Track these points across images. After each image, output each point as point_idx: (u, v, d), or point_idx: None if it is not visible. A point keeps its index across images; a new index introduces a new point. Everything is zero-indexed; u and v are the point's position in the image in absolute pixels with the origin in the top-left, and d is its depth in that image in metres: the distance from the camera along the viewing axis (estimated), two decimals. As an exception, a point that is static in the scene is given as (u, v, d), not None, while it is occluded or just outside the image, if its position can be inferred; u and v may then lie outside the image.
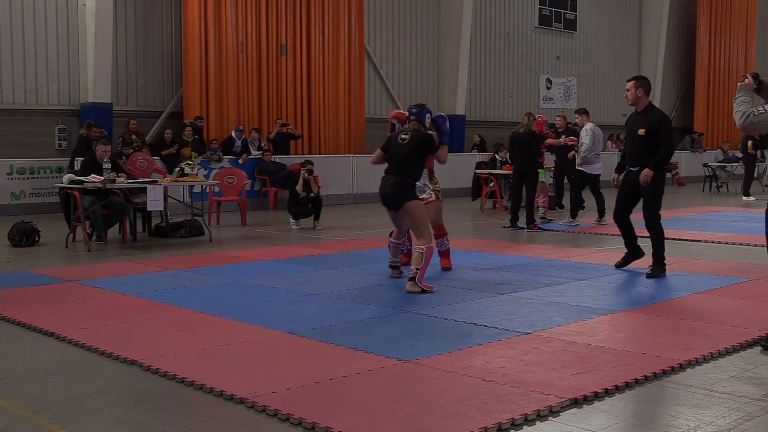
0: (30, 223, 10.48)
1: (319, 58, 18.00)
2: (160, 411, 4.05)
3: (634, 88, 7.76)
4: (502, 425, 3.79)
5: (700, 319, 5.99)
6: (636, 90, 7.74)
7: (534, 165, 12.19)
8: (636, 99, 7.80)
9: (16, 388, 4.42)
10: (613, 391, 4.31)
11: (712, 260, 8.91)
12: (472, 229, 12.65)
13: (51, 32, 14.98)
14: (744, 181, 18.57)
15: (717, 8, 28.25)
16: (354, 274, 8.06)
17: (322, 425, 3.76)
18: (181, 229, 11.33)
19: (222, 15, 16.34)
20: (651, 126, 7.72)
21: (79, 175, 10.46)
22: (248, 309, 6.42)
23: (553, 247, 10.23)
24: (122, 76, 15.84)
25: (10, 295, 7.01)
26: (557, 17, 24.18)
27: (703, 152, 25.74)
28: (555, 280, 7.68)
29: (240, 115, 16.75)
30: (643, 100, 7.82)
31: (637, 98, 7.79)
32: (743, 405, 4.11)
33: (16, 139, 14.75)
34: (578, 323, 5.87)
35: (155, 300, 6.77)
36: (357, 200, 17.74)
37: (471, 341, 5.35)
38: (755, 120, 5.16)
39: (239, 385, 4.35)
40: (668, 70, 27.64)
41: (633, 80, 7.85)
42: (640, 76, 8.05)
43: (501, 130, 20.97)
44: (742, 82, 5.38)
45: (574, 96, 24.87)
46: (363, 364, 4.80)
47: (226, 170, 14.06)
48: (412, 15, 20.49)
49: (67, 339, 5.45)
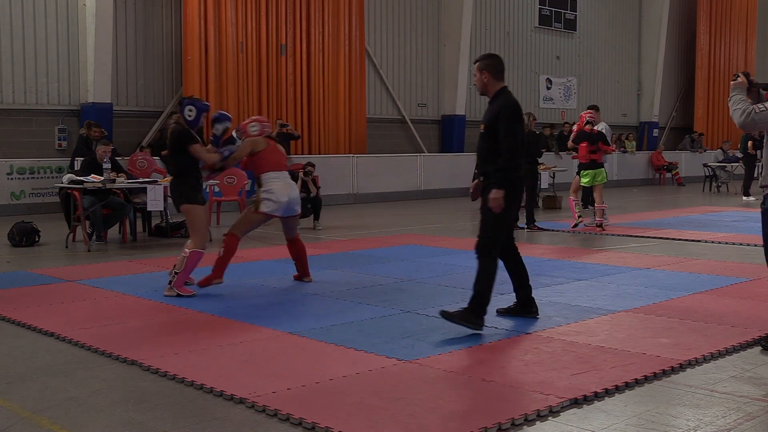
0: (30, 223, 10.48)
1: (319, 58, 18.00)
2: (160, 411, 4.05)
3: (479, 71, 5.92)
4: (502, 425, 3.78)
5: (700, 319, 5.98)
6: (480, 74, 5.90)
7: (534, 165, 12.20)
8: (483, 86, 5.93)
9: (16, 388, 4.42)
10: (613, 391, 4.31)
11: (712, 260, 8.90)
12: (472, 229, 12.63)
13: (51, 32, 14.98)
14: (744, 181, 18.56)
15: (717, 8, 28.25)
16: (354, 274, 8.05)
17: (322, 425, 3.76)
18: (181, 229, 11.33)
19: (222, 15, 16.34)
20: (491, 120, 5.77)
21: (79, 175, 10.46)
22: (248, 309, 6.42)
23: (553, 247, 10.23)
24: (122, 76, 15.84)
25: (10, 295, 7.01)
26: (557, 17, 24.17)
27: (703, 152, 25.74)
28: (555, 280, 7.68)
29: (240, 115, 16.71)
30: (491, 85, 5.89)
31: (484, 84, 5.91)
32: (743, 405, 4.11)
33: (16, 139, 14.74)
34: (578, 323, 5.87)
35: (155, 300, 6.77)
36: (357, 200, 17.75)
37: (471, 341, 5.35)
38: (756, 117, 5.16)
39: (239, 385, 4.35)
40: (668, 70, 27.64)
41: (476, 62, 5.99)
42: (486, 54, 6.12)
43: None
44: (735, 81, 5.39)
45: (574, 96, 24.87)
46: (363, 364, 4.80)
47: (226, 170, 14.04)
48: (412, 15, 20.49)
49: (67, 339, 5.45)
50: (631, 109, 27.25)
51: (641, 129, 27.12)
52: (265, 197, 7.19)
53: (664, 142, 26.90)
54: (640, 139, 26.68)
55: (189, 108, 7.04)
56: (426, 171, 19.31)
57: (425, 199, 18.73)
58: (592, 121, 11.81)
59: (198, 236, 6.92)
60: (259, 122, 7.63)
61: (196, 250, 6.86)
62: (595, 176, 11.77)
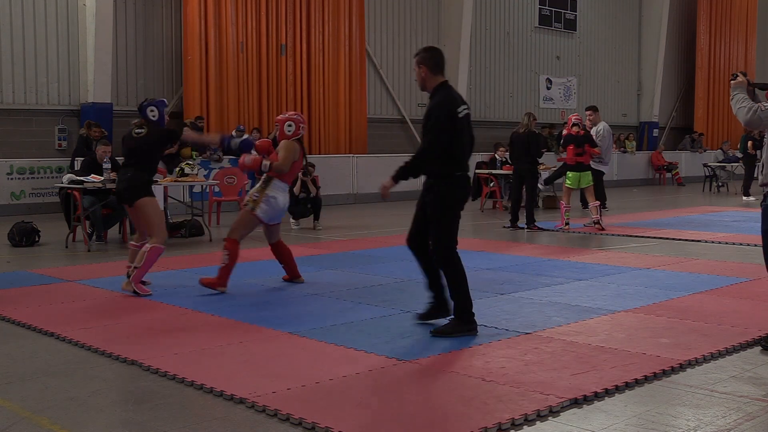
0: (30, 223, 10.48)
1: (320, 58, 17.99)
2: (160, 411, 4.05)
3: (417, 66, 5.64)
4: (502, 425, 3.78)
5: (700, 319, 5.98)
6: (419, 69, 5.63)
7: (534, 165, 12.20)
8: (421, 80, 5.66)
9: (16, 388, 4.42)
10: (613, 391, 4.31)
11: (712, 260, 8.90)
12: (472, 229, 12.63)
13: (51, 32, 14.97)
14: (744, 181, 18.57)
15: (717, 8, 28.24)
16: (354, 274, 8.05)
17: (322, 425, 3.76)
18: (181, 229, 11.34)
19: (222, 15, 16.34)
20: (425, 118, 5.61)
21: (79, 175, 10.46)
22: (248, 309, 6.42)
23: (553, 247, 10.23)
24: (122, 76, 15.83)
25: (10, 295, 7.01)
26: (557, 17, 24.17)
27: (703, 152, 25.74)
28: (555, 280, 7.68)
29: (240, 115, 16.74)
30: (429, 80, 5.61)
31: (422, 79, 5.65)
32: (743, 405, 4.11)
33: (16, 139, 14.74)
34: (578, 323, 5.87)
35: (155, 300, 6.77)
36: (357, 200, 17.74)
37: (471, 341, 5.35)
38: (763, 115, 5.16)
39: (239, 385, 4.35)
40: (668, 70, 27.63)
41: (415, 56, 5.71)
42: (425, 47, 5.78)
43: (501, 130, 20.96)
44: (734, 80, 5.40)
45: (574, 96, 24.86)
46: (363, 364, 4.80)
47: (226, 170, 14.07)
48: (412, 15, 20.48)
49: (67, 339, 5.45)
50: (631, 109, 27.24)
51: (641, 129, 27.11)
52: (265, 202, 7.14)
53: (664, 142, 26.89)
54: (640, 139, 26.68)
55: (150, 109, 7.12)
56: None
57: (425, 199, 18.71)
58: (579, 123, 11.79)
59: (159, 231, 6.93)
60: (296, 122, 7.46)
61: (156, 246, 6.86)
62: (581, 179, 11.72)
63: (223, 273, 7.05)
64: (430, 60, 5.58)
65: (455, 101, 5.56)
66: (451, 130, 5.45)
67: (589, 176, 11.75)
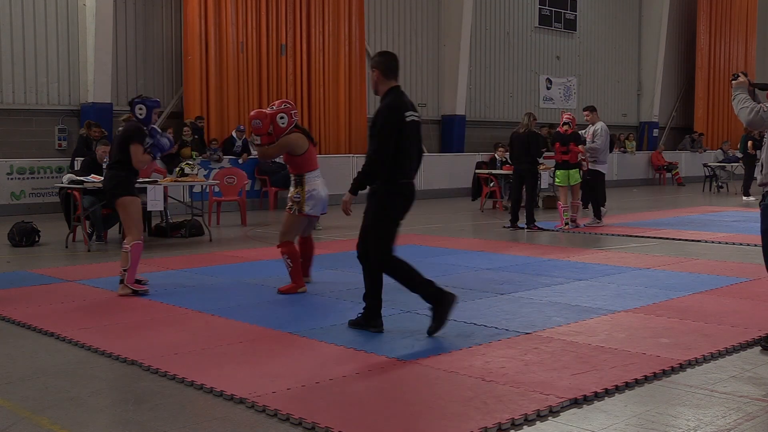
0: (30, 223, 10.48)
1: (320, 58, 18.00)
2: (160, 411, 4.05)
3: (371, 70, 5.65)
4: (502, 425, 3.78)
5: (700, 319, 5.98)
6: (372, 73, 5.62)
7: (534, 165, 12.20)
8: (374, 84, 5.64)
9: (16, 388, 4.42)
10: (613, 391, 4.31)
11: (712, 260, 8.90)
12: (472, 229, 12.64)
13: (51, 32, 14.97)
14: (744, 181, 18.57)
15: (717, 8, 28.24)
16: (354, 274, 8.02)
17: (322, 425, 3.76)
18: (181, 229, 11.34)
19: (222, 15, 16.34)
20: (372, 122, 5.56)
21: (79, 175, 10.46)
22: (248, 309, 6.42)
23: (553, 247, 10.23)
24: (122, 76, 15.83)
25: (10, 295, 7.01)
26: (557, 17, 24.17)
27: (703, 152, 25.74)
28: (555, 280, 7.68)
29: (240, 115, 16.74)
30: (381, 84, 5.57)
31: (375, 83, 5.63)
32: (743, 405, 4.11)
33: (16, 139, 14.74)
34: (578, 323, 5.87)
35: (155, 300, 6.77)
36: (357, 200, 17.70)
37: (471, 341, 5.35)
38: (765, 115, 5.17)
39: (239, 385, 4.35)
40: (668, 70, 27.63)
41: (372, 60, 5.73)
42: (379, 52, 5.79)
43: (501, 130, 20.97)
44: (735, 80, 5.40)
45: (574, 96, 24.86)
46: (363, 364, 4.80)
47: (226, 170, 14.07)
48: (412, 15, 20.48)
49: (67, 339, 5.45)
50: (631, 109, 27.24)
51: (641, 129, 27.11)
52: (309, 199, 7.06)
53: (664, 142, 26.89)
54: (640, 139, 26.68)
55: (139, 107, 7.15)
56: (426, 171, 19.24)
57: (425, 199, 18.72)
58: (569, 122, 11.85)
59: (134, 229, 7.00)
60: (285, 112, 7.14)
61: (135, 243, 6.92)
62: (569, 177, 11.81)
63: (294, 275, 7.10)
64: (383, 64, 5.58)
65: (403, 106, 5.49)
66: (396, 136, 5.39)
67: (576, 174, 11.89)
